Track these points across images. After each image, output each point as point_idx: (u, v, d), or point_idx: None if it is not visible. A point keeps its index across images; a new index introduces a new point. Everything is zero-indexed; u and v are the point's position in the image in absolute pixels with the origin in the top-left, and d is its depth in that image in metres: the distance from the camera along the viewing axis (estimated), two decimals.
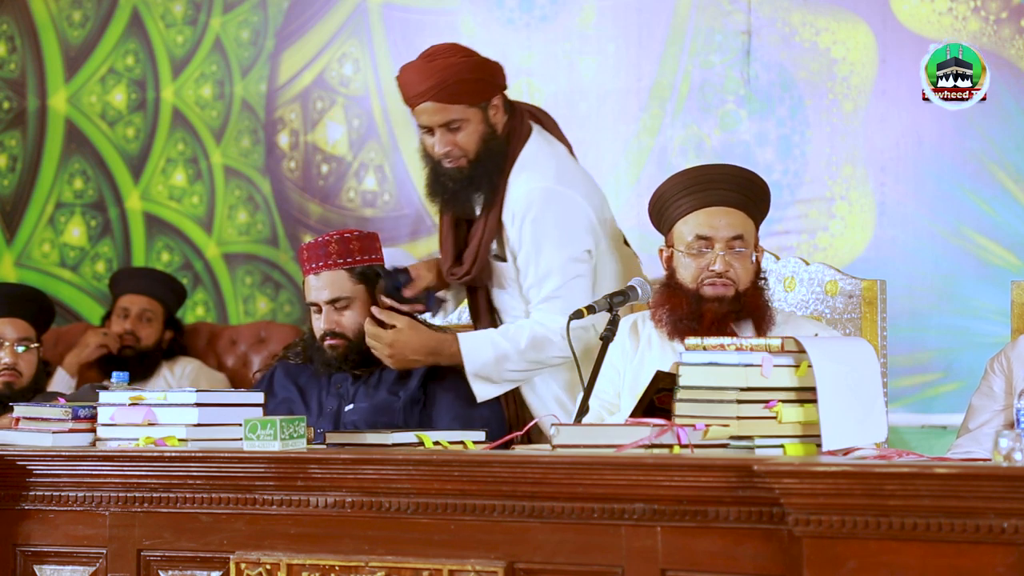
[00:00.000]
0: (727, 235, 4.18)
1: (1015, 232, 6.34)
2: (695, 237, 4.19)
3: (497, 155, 4.74)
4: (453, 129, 4.71)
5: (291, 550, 3.80)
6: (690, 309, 4.16)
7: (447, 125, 4.72)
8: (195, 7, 7.78)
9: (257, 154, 7.70)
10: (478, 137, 4.72)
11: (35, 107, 7.96)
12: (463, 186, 4.74)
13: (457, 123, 4.71)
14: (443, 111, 4.71)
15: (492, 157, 4.74)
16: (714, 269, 4.16)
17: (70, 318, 7.76)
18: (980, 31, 6.39)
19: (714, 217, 4.20)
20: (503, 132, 4.77)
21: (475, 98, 4.72)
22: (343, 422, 4.63)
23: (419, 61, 4.77)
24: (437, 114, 4.71)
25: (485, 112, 4.73)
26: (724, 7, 6.78)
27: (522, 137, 4.81)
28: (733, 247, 4.18)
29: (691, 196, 4.22)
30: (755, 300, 4.18)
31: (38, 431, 4.19)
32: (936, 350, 6.44)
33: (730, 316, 4.15)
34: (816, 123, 6.65)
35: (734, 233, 4.18)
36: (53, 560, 4.12)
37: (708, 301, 4.16)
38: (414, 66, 4.76)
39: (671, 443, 3.49)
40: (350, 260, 4.68)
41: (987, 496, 3.06)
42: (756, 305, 4.17)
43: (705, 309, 4.15)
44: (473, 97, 4.72)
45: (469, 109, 4.72)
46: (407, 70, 4.77)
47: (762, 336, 4.11)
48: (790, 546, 3.28)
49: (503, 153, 4.75)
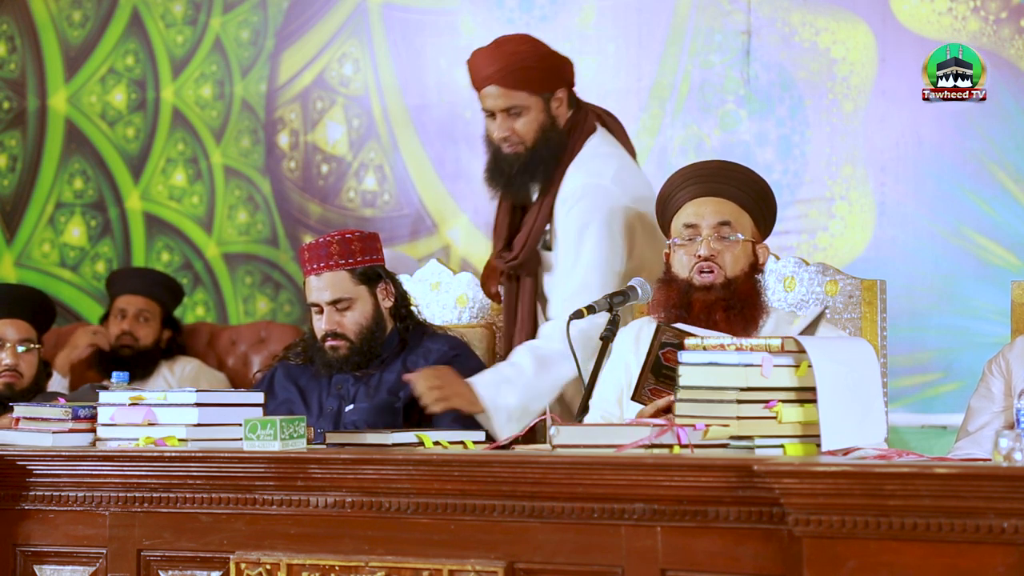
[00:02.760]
0: (713, 221, 4.19)
1: (1015, 232, 6.34)
2: (684, 226, 4.21)
3: (555, 146, 4.86)
4: (514, 115, 4.85)
5: (291, 550, 3.80)
6: (680, 298, 4.17)
7: (508, 110, 4.85)
8: (195, 7, 7.78)
9: (257, 154, 7.70)
10: (537, 126, 4.86)
11: (35, 107, 7.96)
12: (519, 172, 4.87)
13: (518, 109, 4.85)
14: (506, 96, 4.86)
15: (550, 147, 4.86)
16: (700, 254, 4.17)
17: (70, 318, 7.76)
18: (980, 31, 6.39)
19: (702, 205, 4.21)
20: (565, 126, 4.89)
21: (539, 87, 4.86)
22: (343, 422, 4.63)
23: (490, 46, 4.91)
24: (500, 98, 4.86)
25: (547, 103, 4.87)
26: (724, 7, 6.78)
27: (584, 133, 4.91)
28: (720, 232, 4.18)
29: (686, 189, 4.24)
30: (746, 289, 4.18)
31: (38, 431, 4.20)
32: (936, 350, 6.44)
33: (719, 304, 4.15)
34: (816, 123, 6.65)
35: (720, 219, 4.19)
36: (53, 560, 4.12)
37: (697, 290, 4.16)
38: (484, 50, 4.91)
39: (671, 443, 3.49)
40: (351, 261, 4.68)
41: (987, 496, 3.06)
42: (747, 295, 4.16)
43: (694, 298, 4.16)
44: (537, 85, 4.86)
45: (531, 97, 4.86)
46: (477, 54, 4.92)
47: (752, 328, 4.12)
48: (790, 546, 3.28)
49: (562, 145, 4.87)
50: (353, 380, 4.69)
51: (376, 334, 4.70)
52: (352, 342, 4.67)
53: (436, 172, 7.38)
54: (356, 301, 4.68)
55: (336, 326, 4.66)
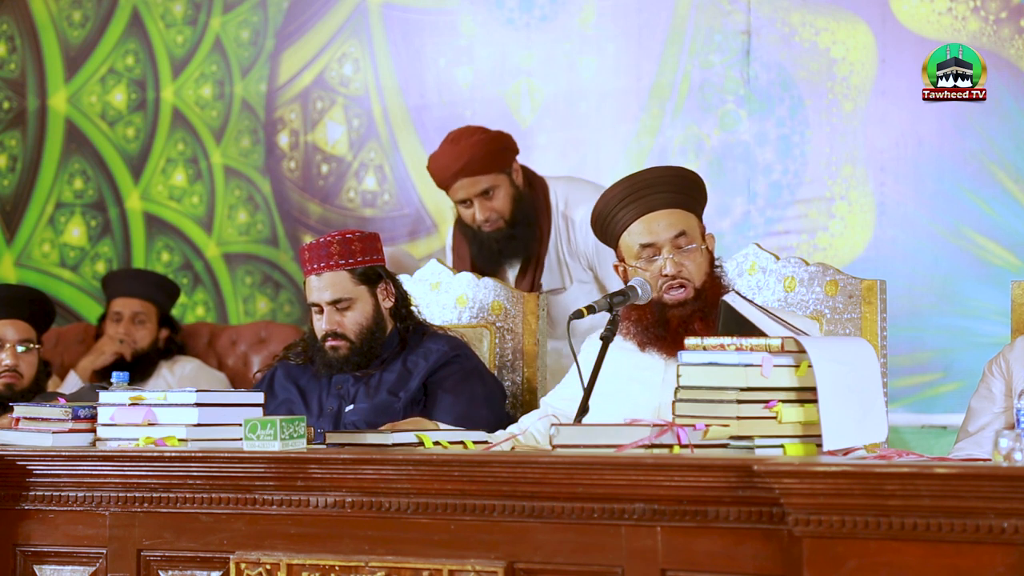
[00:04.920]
0: (669, 235, 4.21)
1: (1015, 232, 6.34)
2: (640, 247, 4.22)
3: (529, 208, 5.56)
4: (488, 196, 5.50)
5: (291, 550, 3.80)
6: (655, 317, 4.20)
7: (483, 194, 5.50)
8: (195, 7, 7.78)
9: (257, 154, 7.70)
10: (510, 199, 5.53)
11: (35, 107, 7.96)
12: (505, 244, 5.55)
13: (491, 190, 5.50)
14: (477, 183, 5.50)
15: (524, 211, 5.55)
16: (667, 273, 4.18)
17: (70, 318, 7.76)
18: (980, 31, 6.39)
19: (653, 222, 4.22)
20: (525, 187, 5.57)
21: (501, 165, 5.52)
22: (343, 422, 4.63)
23: (446, 146, 5.55)
24: (473, 186, 5.50)
25: (510, 176, 5.54)
26: (724, 7, 6.78)
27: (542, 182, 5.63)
28: (679, 245, 4.20)
29: (627, 207, 4.25)
30: (714, 290, 4.19)
31: (38, 431, 4.20)
32: (936, 350, 6.44)
33: (696, 316, 4.18)
34: (816, 123, 6.65)
35: (676, 232, 4.21)
36: (53, 560, 4.12)
37: (670, 308, 4.18)
38: (443, 152, 5.54)
39: (671, 443, 3.49)
40: (352, 261, 4.68)
41: (987, 496, 3.06)
42: (716, 295, 4.17)
43: (670, 316, 4.19)
44: (499, 165, 5.52)
45: (499, 176, 5.52)
46: (437, 158, 5.55)
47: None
48: (790, 546, 3.28)
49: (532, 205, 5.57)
50: (353, 380, 4.69)
51: (376, 334, 4.70)
52: (352, 342, 4.67)
53: None
54: (356, 301, 4.68)
55: (336, 326, 4.66)
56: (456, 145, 5.53)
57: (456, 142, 5.55)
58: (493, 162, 5.51)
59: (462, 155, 5.49)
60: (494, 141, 5.56)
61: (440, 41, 7.30)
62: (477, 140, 5.53)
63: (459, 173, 5.48)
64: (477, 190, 5.49)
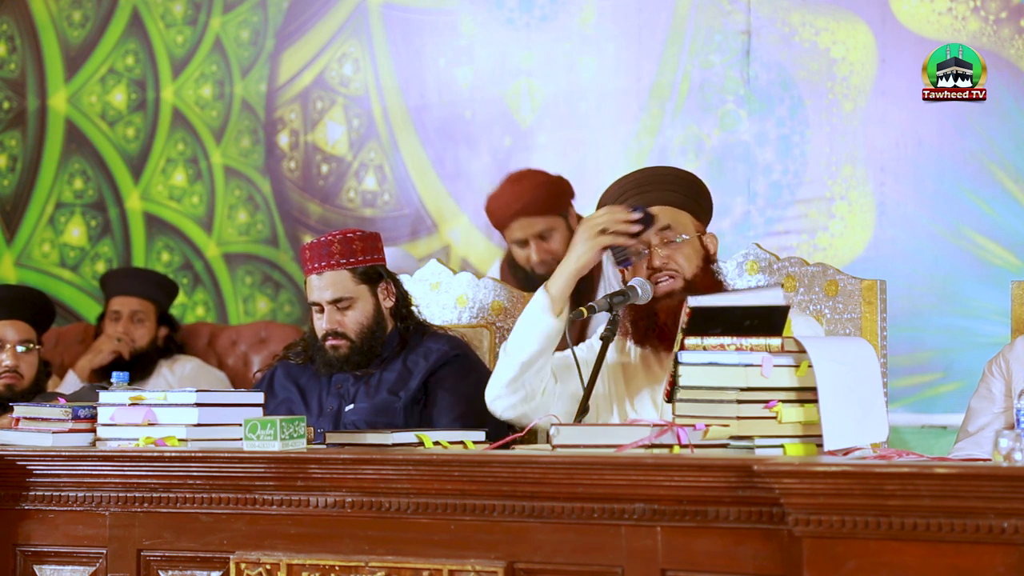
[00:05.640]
0: (654, 229, 4.20)
1: (1015, 232, 6.34)
2: None
3: None
4: (545, 238, 5.55)
5: (291, 550, 3.80)
6: (646, 310, 4.18)
7: (540, 235, 5.55)
8: (195, 7, 7.78)
9: (257, 154, 7.70)
10: (565, 243, 5.29)
11: (35, 107, 7.97)
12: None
13: (548, 232, 5.55)
14: (534, 224, 5.55)
15: None
16: (654, 265, 4.18)
17: (70, 318, 7.76)
18: (980, 31, 6.39)
19: None
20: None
21: (558, 209, 5.58)
22: (343, 422, 4.63)
23: (507, 186, 5.64)
24: (531, 227, 5.55)
25: (567, 220, 5.57)
26: (724, 7, 6.78)
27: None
28: (663, 237, 4.20)
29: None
30: (706, 283, 4.19)
31: (38, 431, 4.19)
32: (936, 350, 6.44)
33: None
34: (816, 123, 6.65)
35: (659, 226, 4.20)
36: (53, 560, 4.12)
37: (660, 299, 4.18)
38: (504, 191, 5.63)
39: (671, 443, 3.49)
40: (353, 260, 4.68)
41: (987, 496, 3.06)
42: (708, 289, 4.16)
43: (659, 307, 4.17)
44: (557, 208, 5.57)
45: (556, 219, 5.56)
46: (498, 196, 5.63)
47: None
48: (790, 546, 3.28)
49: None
50: (353, 380, 4.69)
51: (377, 334, 4.70)
52: (353, 341, 4.67)
53: (436, 172, 7.38)
54: (357, 300, 4.68)
55: (337, 325, 4.66)
56: (517, 185, 5.63)
57: (517, 182, 5.65)
58: (552, 205, 5.58)
59: (523, 195, 5.57)
60: (554, 184, 5.66)
61: (440, 41, 7.30)
62: (538, 182, 5.63)
63: (518, 213, 5.56)
64: (534, 231, 5.57)
